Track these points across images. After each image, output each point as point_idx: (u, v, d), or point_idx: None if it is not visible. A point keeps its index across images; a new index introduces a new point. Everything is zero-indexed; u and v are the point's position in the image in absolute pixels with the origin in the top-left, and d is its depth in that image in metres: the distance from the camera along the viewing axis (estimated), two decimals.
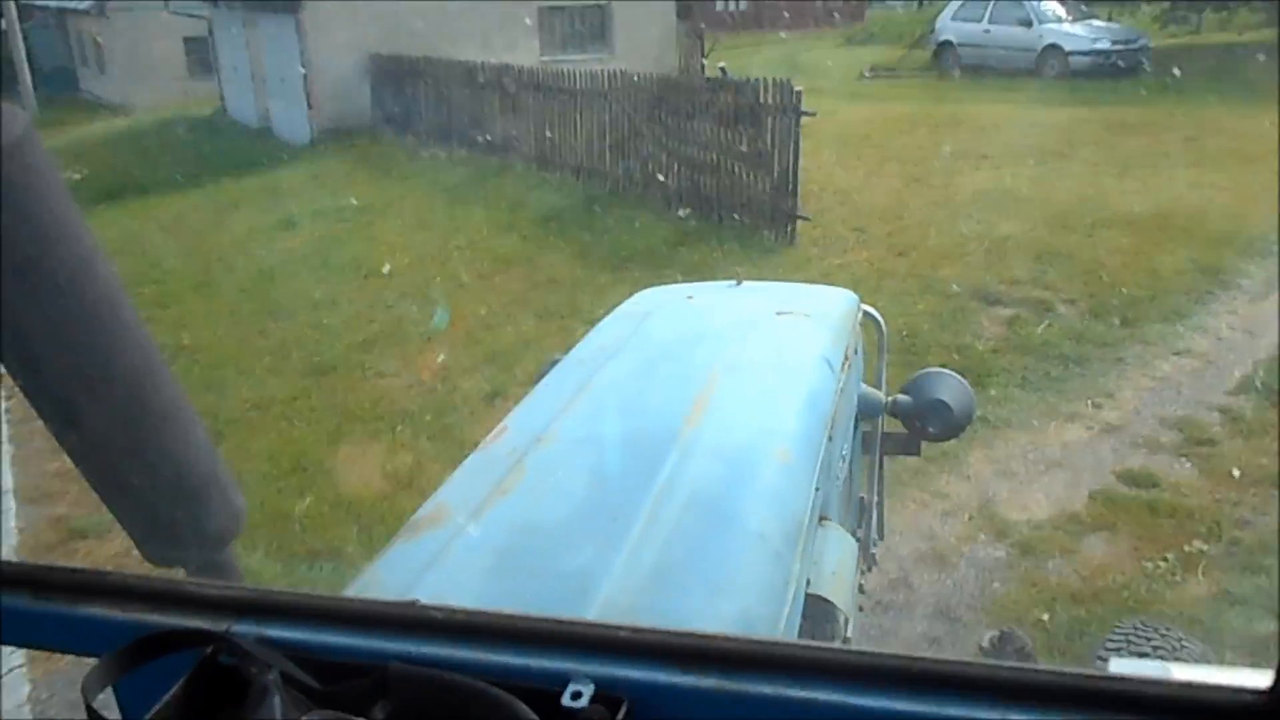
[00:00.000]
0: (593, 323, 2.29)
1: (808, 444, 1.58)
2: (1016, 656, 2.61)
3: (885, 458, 2.64)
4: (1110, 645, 2.55)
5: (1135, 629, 2.60)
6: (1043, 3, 17.92)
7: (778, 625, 1.15)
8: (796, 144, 7.59)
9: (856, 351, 2.21)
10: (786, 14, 30.88)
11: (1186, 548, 3.86)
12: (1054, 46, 16.86)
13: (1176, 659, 2.44)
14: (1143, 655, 2.45)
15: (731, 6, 31.37)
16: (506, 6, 15.97)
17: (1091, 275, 6.73)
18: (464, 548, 1.28)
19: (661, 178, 9.02)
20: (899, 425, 2.51)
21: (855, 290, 2.49)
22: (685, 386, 1.71)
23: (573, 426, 1.62)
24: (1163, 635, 2.55)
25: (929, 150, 11.48)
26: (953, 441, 3.31)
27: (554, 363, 2.04)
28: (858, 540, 2.23)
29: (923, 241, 7.78)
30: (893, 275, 7.10)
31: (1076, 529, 4.08)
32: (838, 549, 1.64)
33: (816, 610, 1.44)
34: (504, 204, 9.99)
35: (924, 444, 2.59)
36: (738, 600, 1.19)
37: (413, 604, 0.76)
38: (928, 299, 6.55)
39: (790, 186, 7.70)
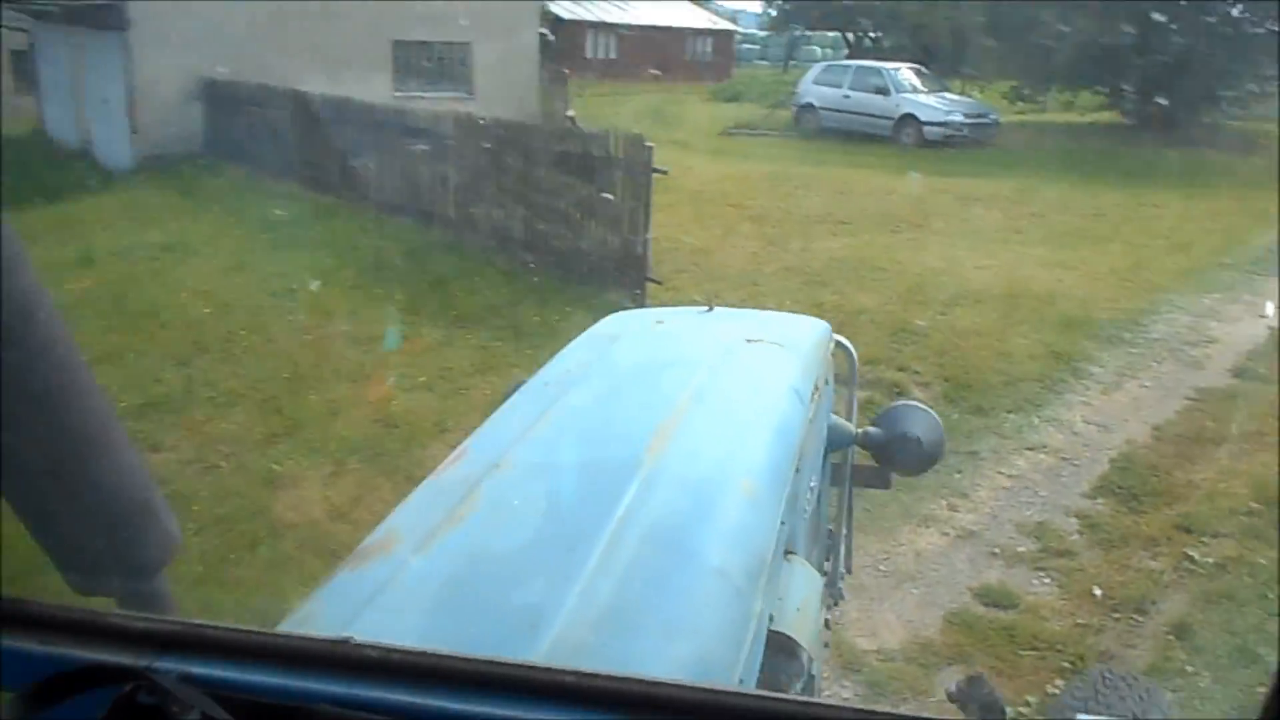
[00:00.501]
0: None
1: (774, 477, 1.53)
2: (983, 701, 2.57)
3: (854, 490, 2.60)
4: (1078, 695, 2.51)
5: (1102, 677, 2.56)
6: (899, 73, 18.33)
7: (735, 667, 1.10)
8: (648, 202, 7.11)
9: (827, 382, 2.19)
10: (655, 66, 31.00)
11: (1049, 688, 3.43)
12: (910, 116, 17.20)
13: (1144, 710, 2.41)
14: (1110, 704, 2.42)
15: (601, 54, 31.26)
16: (361, 38, 15.16)
17: (946, 356, 6.45)
18: (410, 580, 1.20)
19: (508, 230, 8.39)
20: (869, 458, 2.48)
21: None
22: (650, 414, 1.66)
23: (531, 453, 1.56)
24: (1129, 685, 2.51)
25: (788, 212, 11.27)
26: None
27: (518, 385, 1.96)
28: (824, 574, 2.21)
29: (775, 309, 7.38)
30: None
31: (931, 661, 3.61)
32: (802, 585, 1.58)
33: (780, 648, 1.39)
34: (334, 247, 9.13)
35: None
36: (695, 641, 1.13)
37: (345, 641, 0.74)
38: None
39: (641, 246, 7.20)
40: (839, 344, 2.46)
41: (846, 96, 18.20)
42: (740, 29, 50.38)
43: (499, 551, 1.28)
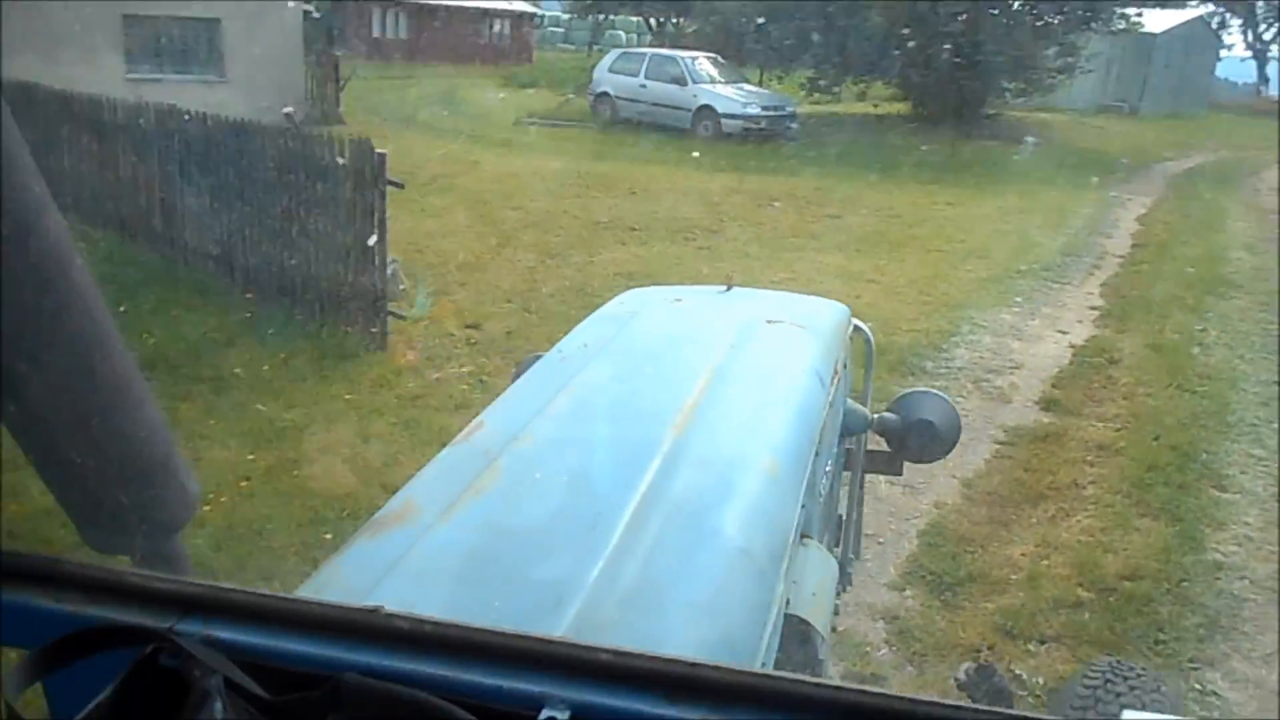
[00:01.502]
0: None
1: (796, 458, 1.53)
2: (991, 689, 2.57)
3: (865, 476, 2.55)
4: (1088, 681, 2.49)
5: (1112, 667, 2.54)
6: (697, 63, 17.67)
7: (759, 649, 1.10)
8: (382, 220, 5.87)
9: (845, 365, 2.17)
10: (450, 48, 29.32)
11: None
12: (708, 107, 16.55)
13: (1155, 700, 2.42)
14: (1120, 693, 2.43)
15: (390, 33, 29.24)
16: (86, 10, 12.98)
17: None
18: (431, 550, 1.18)
19: (225, 251, 6.92)
20: (882, 443, 2.43)
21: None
22: (672, 392, 1.64)
23: (552, 427, 1.52)
24: (1139, 675, 2.51)
25: (575, 217, 10.23)
26: None
27: (535, 358, 1.95)
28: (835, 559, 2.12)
29: (545, 347, 6.32)
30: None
31: None
32: (819, 569, 1.55)
33: (794, 632, 1.35)
34: None
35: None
36: (720, 621, 1.11)
37: (376, 610, 0.73)
38: None
39: (377, 272, 5.96)
40: (856, 328, 2.41)
41: (643, 86, 17.36)
42: (543, 10, 49.18)
43: (521, 525, 1.25)
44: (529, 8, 35.79)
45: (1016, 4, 18.88)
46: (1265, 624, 3.68)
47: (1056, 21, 18.48)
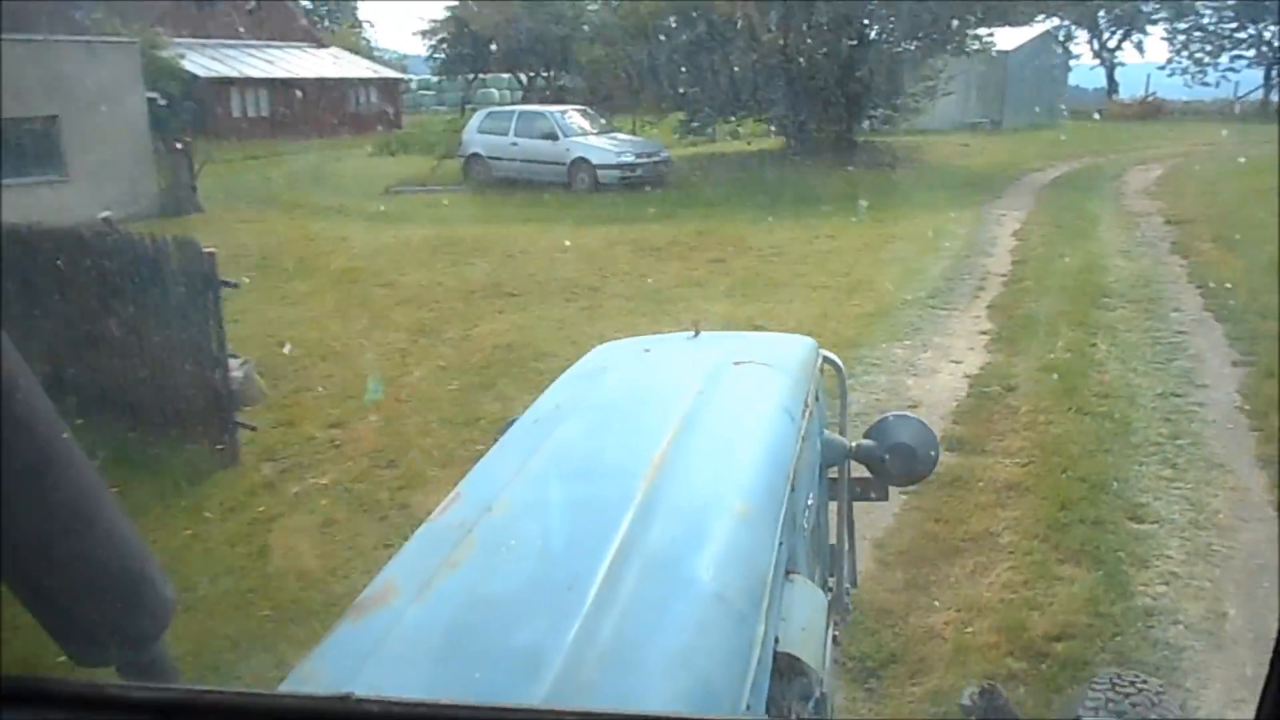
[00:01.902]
0: None
1: (769, 497, 1.54)
2: (996, 713, 2.58)
3: (853, 503, 2.54)
4: (1094, 693, 2.57)
5: (1114, 680, 2.62)
6: (567, 116, 17.48)
7: (742, 692, 1.10)
8: (219, 324, 5.31)
9: (817, 399, 2.18)
10: (318, 121, 28.59)
11: None
12: (582, 160, 16.32)
13: (1157, 712, 2.46)
14: (1121, 709, 2.50)
15: (252, 111, 28.35)
16: None
17: None
18: (409, 630, 1.18)
19: (52, 371, 6.23)
20: (865, 470, 2.44)
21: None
22: (641, 445, 1.64)
23: (525, 492, 1.54)
24: (1139, 688, 2.59)
25: (450, 288, 9.75)
26: None
27: (509, 424, 1.92)
28: (829, 590, 2.25)
29: (421, 439, 5.83)
30: (375, 508, 5.00)
31: None
32: (806, 604, 1.54)
33: (787, 669, 1.36)
34: None
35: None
36: (698, 670, 1.12)
37: (346, 698, 0.75)
38: None
39: (221, 381, 5.38)
40: (828, 360, 2.45)
41: (514, 144, 17.06)
42: (414, 75, 48.80)
43: (497, 595, 1.25)
44: (394, 74, 35.33)
45: (874, 34, 19.27)
46: (1207, 675, 3.42)
47: (914, 48, 18.93)
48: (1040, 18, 30.68)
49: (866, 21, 19.01)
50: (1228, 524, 4.46)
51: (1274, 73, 36.89)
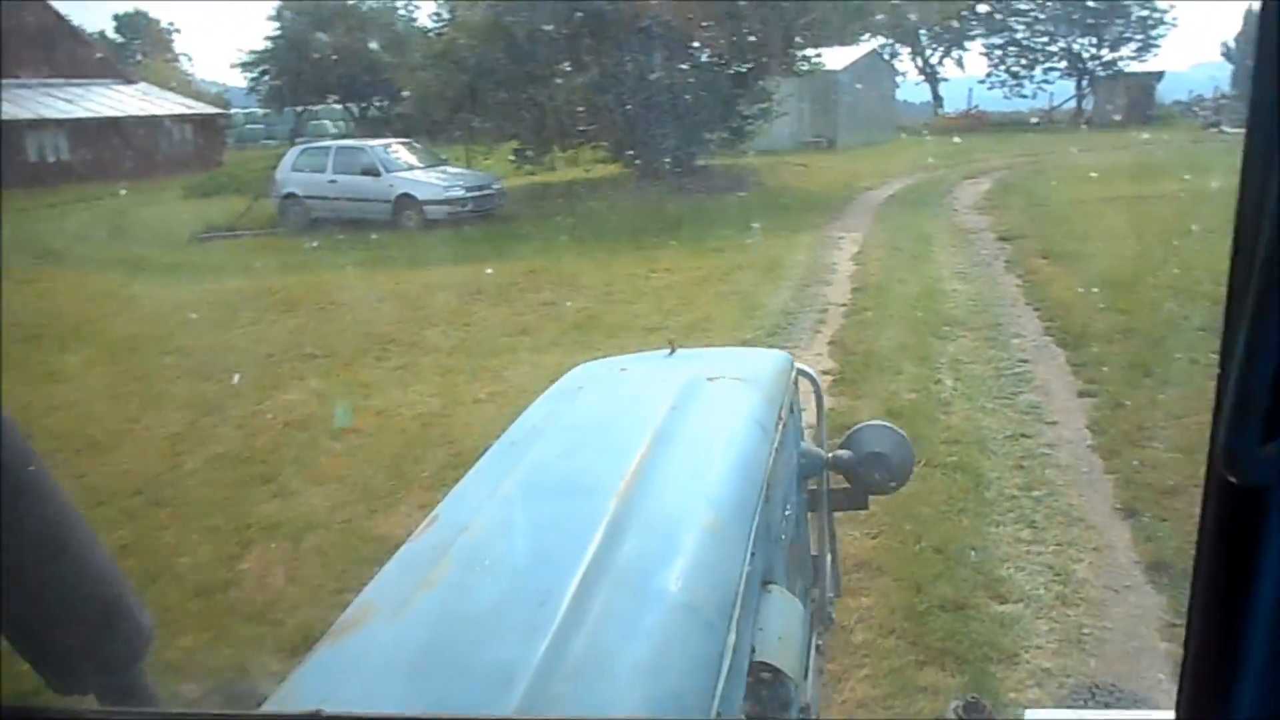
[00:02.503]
0: None
1: (740, 508, 1.56)
2: None
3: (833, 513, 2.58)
4: None
5: None
6: (390, 150, 16.48)
7: (712, 699, 1.13)
8: None
9: (792, 411, 2.20)
10: (126, 162, 26.50)
11: None
12: (407, 196, 15.35)
13: None
14: None
15: (51, 156, 26.02)
16: None
17: None
18: (385, 649, 1.21)
19: None
20: (843, 480, 2.47)
21: None
22: (614, 461, 1.67)
23: (500, 512, 1.58)
24: None
25: (245, 351, 8.67)
26: None
27: (488, 447, 1.98)
28: (812, 600, 2.28)
29: (175, 559, 4.82)
30: None
31: None
32: (783, 614, 1.57)
33: (765, 679, 1.40)
34: None
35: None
36: (666, 678, 1.15)
37: (315, 715, 0.77)
38: None
39: None
40: (802, 373, 2.47)
41: (333, 181, 15.94)
42: (238, 109, 46.41)
43: (471, 613, 1.28)
44: (212, 110, 33.23)
45: (705, 56, 19.03)
46: None
47: (746, 70, 18.78)
48: (865, 36, 31.52)
49: (697, 44, 18.76)
50: (1097, 597, 3.99)
51: (1084, 83, 39.14)
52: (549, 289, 10.53)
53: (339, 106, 43.12)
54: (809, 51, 18.91)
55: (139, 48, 46.45)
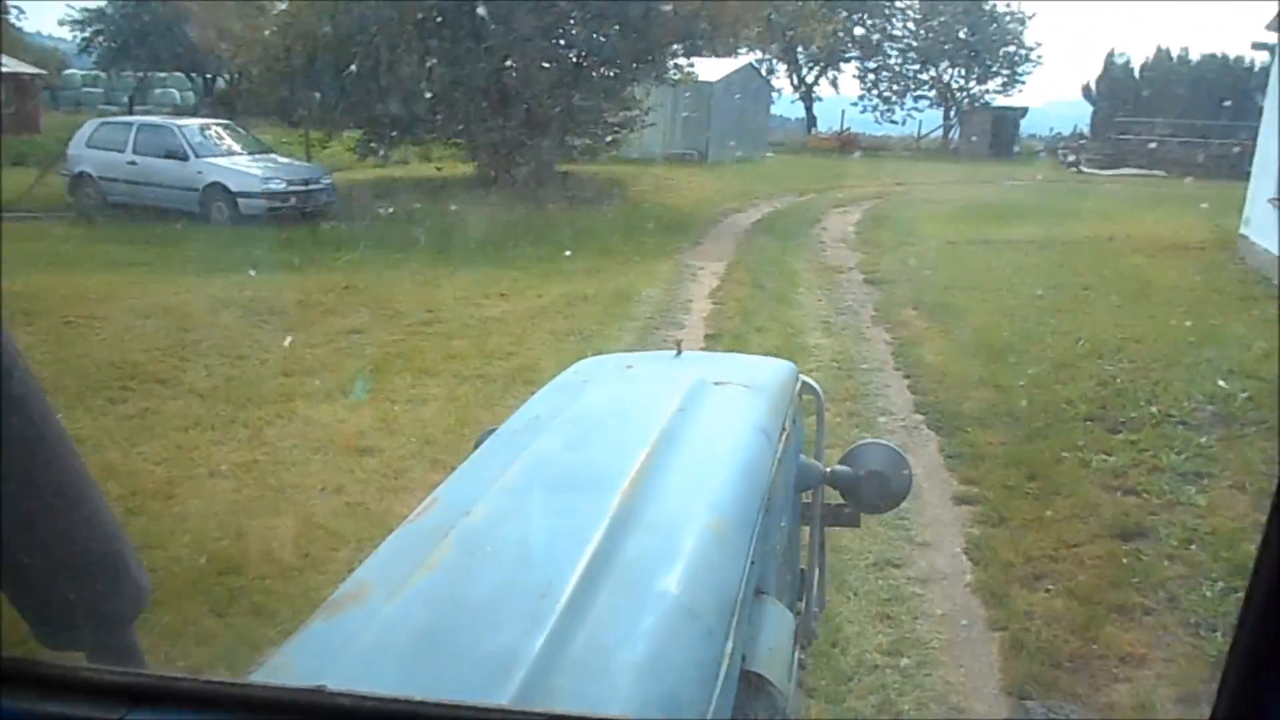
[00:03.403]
0: None
1: (743, 516, 1.57)
2: None
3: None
4: None
5: None
6: (205, 131, 14.50)
7: (706, 706, 1.14)
8: None
9: (795, 422, 2.23)
10: None
11: None
12: (218, 186, 13.45)
13: None
14: None
15: None
16: None
17: None
18: (382, 628, 1.20)
19: None
20: (838, 496, 2.47)
21: None
22: (620, 458, 1.65)
23: (503, 500, 1.55)
24: None
25: None
26: None
27: (489, 433, 1.97)
28: (797, 614, 2.28)
29: None
30: None
31: None
32: (775, 625, 1.60)
33: (753, 688, 1.41)
34: None
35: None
36: (665, 681, 1.15)
37: (319, 690, 0.76)
38: None
39: None
40: (806, 384, 2.47)
41: (132, 163, 13.90)
42: (77, 71, 42.62)
43: (471, 598, 1.26)
44: (26, 69, 29.74)
45: (572, 57, 17.67)
46: None
47: (613, 75, 17.53)
48: (743, 49, 30.85)
49: (563, 43, 17.40)
50: None
51: (952, 113, 39.68)
52: (360, 312, 9.01)
53: (184, 76, 39.84)
54: (680, 61, 17.79)
55: None
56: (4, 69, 27.87)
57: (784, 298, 9.79)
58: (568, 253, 11.82)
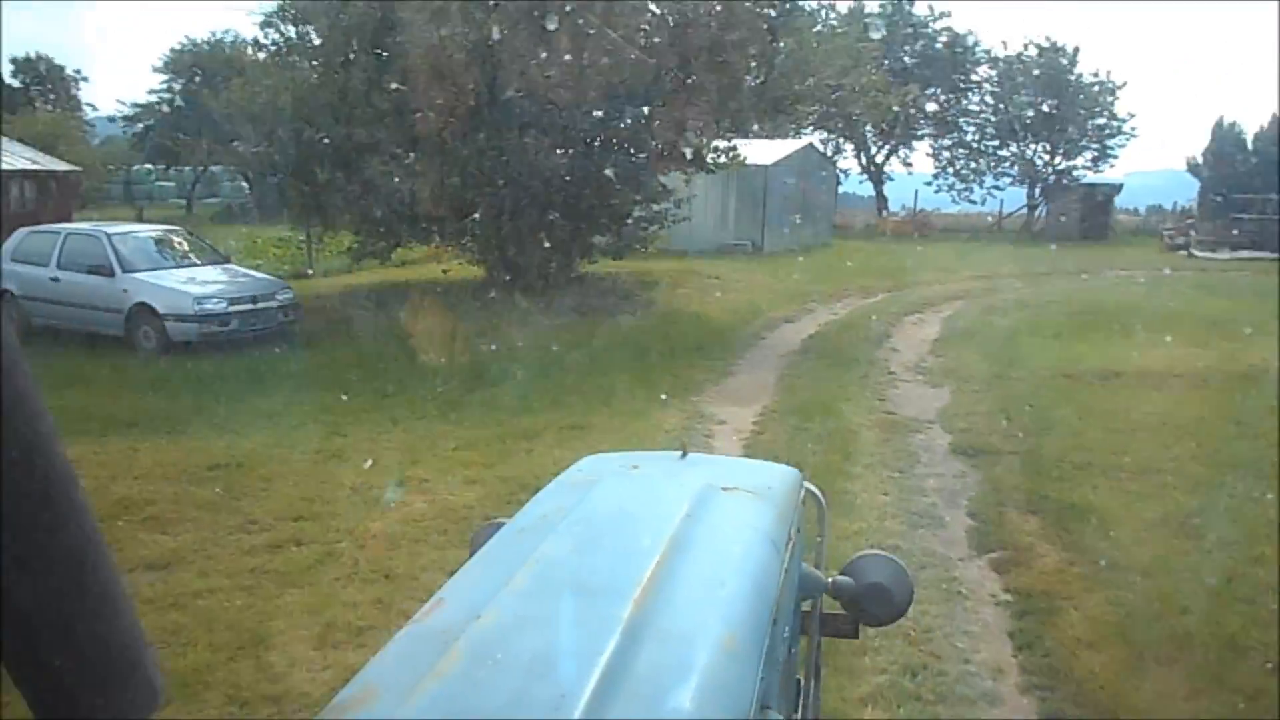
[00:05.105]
0: None
1: (754, 630, 1.52)
2: None
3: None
4: None
5: None
6: (136, 240, 12.27)
7: None
8: None
9: (799, 530, 2.20)
10: None
11: None
12: (144, 307, 11.10)
13: None
14: None
15: None
16: None
17: None
18: None
19: None
20: (838, 606, 2.38)
21: None
22: (630, 564, 1.61)
23: (513, 604, 1.48)
24: None
25: None
26: None
27: (494, 527, 1.96)
28: None
29: None
30: None
31: None
32: None
33: None
34: None
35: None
36: None
37: None
38: None
39: None
40: (809, 492, 2.42)
41: (55, 279, 11.68)
42: (146, 167, 42.37)
43: (484, 708, 1.21)
44: (61, 166, 28.49)
45: (597, 144, 15.07)
46: None
47: (641, 161, 14.86)
48: (806, 130, 28.16)
49: (585, 128, 14.83)
50: None
51: (1036, 191, 36.42)
52: (197, 520, 6.22)
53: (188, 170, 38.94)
54: (720, 144, 15.09)
55: (37, 93, 42.08)
56: (37, 166, 26.61)
57: (829, 484, 6.71)
58: (557, 391, 9.07)
